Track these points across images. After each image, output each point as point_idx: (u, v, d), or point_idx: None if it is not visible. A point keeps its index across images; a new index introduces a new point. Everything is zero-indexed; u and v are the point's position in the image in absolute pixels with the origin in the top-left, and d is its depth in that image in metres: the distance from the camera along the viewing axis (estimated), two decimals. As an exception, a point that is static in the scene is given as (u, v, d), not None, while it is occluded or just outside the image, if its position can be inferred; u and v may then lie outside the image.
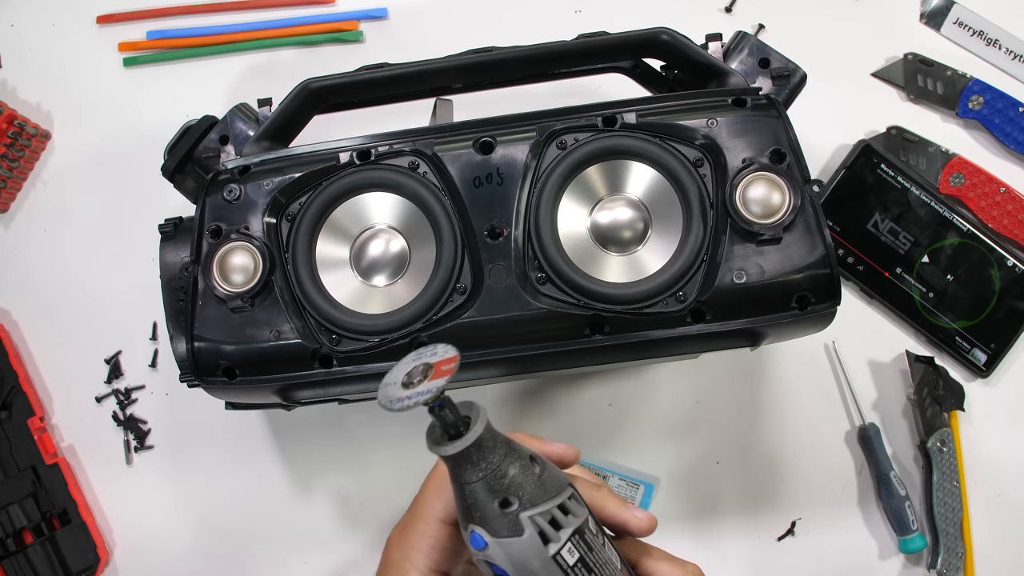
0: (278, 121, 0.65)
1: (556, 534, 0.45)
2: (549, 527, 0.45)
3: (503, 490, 0.45)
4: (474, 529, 0.45)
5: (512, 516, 0.45)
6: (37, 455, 0.80)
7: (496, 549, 0.45)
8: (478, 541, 0.45)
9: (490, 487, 0.45)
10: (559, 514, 0.46)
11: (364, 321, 0.58)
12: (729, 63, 0.66)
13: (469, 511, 0.45)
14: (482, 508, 0.45)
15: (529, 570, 0.45)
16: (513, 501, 0.45)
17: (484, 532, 0.45)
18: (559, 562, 0.45)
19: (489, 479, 0.45)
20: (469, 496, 0.45)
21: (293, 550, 0.82)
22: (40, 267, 0.85)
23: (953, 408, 0.79)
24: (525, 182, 0.59)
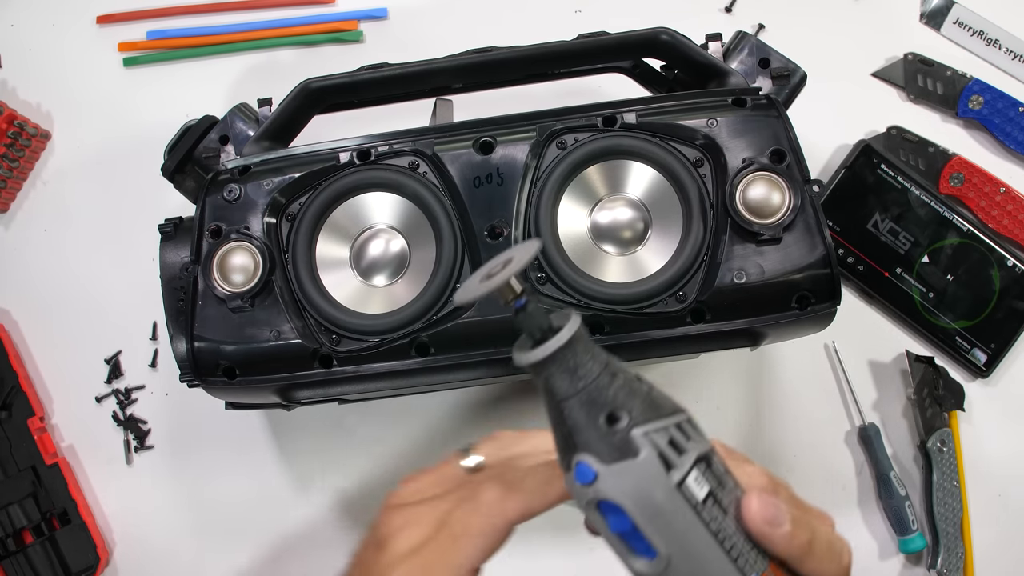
0: (278, 121, 0.65)
1: (678, 458, 0.38)
2: (669, 448, 0.38)
3: (608, 402, 0.38)
4: (580, 459, 0.38)
5: (622, 434, 0.38)
6: (37, 455, 0.80)
7: (608, 479, 0.38)
8: (586, 473, 0.38)
9: (592, 399, 0.39)
10: (678, 435, 0.39)
11: (364, 321, 0.58)
12: (729, 63, 0.66)
13: (571, 437, 0.39)
14: (585, 429, 0.38)
15: (650, 500, 0.38)
16: (622, 416, 0.38)
17: (592, 459, 0.38)
18: (685, 494, 0.38)
19: (591, 390, 0.39)
20: (569, 416, 0.39)
21: (293, 550, 0.82)
22: (40, 267, 0.85)
23: (953, 408, 0.79)
24: (525, 182, 0.59)
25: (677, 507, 0.38)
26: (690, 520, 0.38)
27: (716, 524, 0.38)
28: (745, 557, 0.39)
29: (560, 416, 0.39)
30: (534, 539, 0.81)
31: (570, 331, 0.38)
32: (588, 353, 0.39)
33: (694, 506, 0.38)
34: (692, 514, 0.38)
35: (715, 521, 0.38)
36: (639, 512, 0.38)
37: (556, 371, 0.39)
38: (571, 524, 0.81)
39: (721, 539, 0.38)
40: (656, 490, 0.38)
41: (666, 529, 0.38)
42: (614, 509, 0.38)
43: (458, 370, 0.59)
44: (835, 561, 0.43)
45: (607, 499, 0.38)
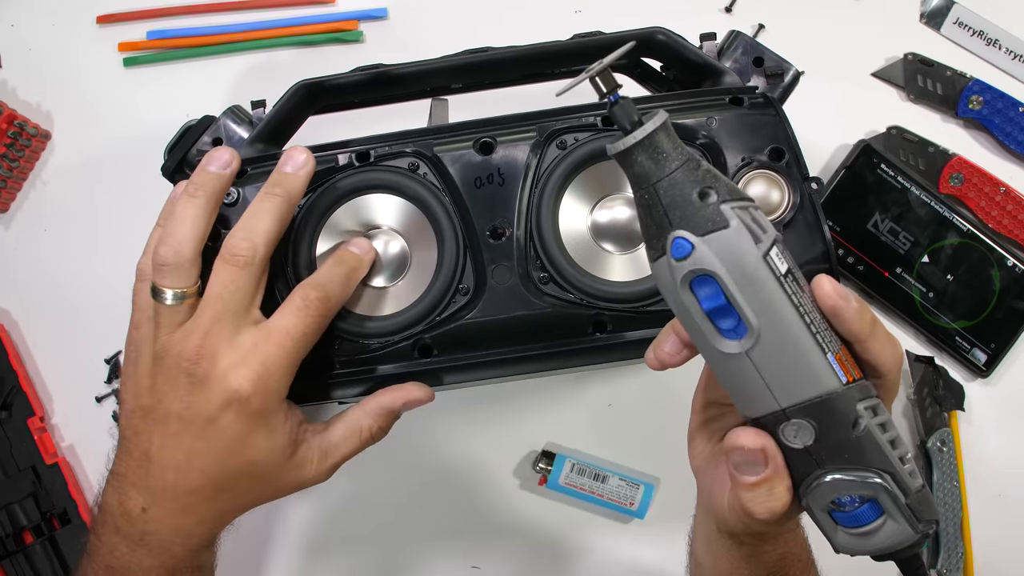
0: (272, 123, 0.65)
1: (763, 233, 0.42)
2: (754, 224, 0.41)
3: (700, 179, 0.42)
4: (676, 235, 0.41)
5: (714, 207, 0.41)
6: (37, 455, 0.80)
7: (703, 249, 0.41)
8: (683, 247, 0.41)
9: (684, 179, 0.42)
10: (758, 215, 0.42)
11: (365, 324, 0.58)
12: (723, 62, 0.66)
13: (665, 217, 0.42)
14: (681, 205, 0.41)
15: (742, 267, 0.41)
16: (711, 192, 0.41)
17: (687, 233, 0.41)
18: (771, 264, 0.41)
19: (683, 171, 0.42)
20: (665, 194, 0.42)
21: (293, 550, 0.82)
22: (40, 267, 0.85)
23: (953, 408, 0.79)
24: (526, 182, 0.59)
25: (765, 276, 0.41)
26: (776, 290, 0.41)
27: (798, 298, 0.42)
28: (823, 335, 0.43)
29: (655, 198, 0.42)
30: (535, 538, 0.81)
31: (659, 119, 0.42)
32: (675, 140, 0.43)
33: (778, 277, 0.41)
34: (777, 284, 0.41)
35: (796, 295, 0.42)
36: (732, 279, 0.41)
37: (647, 157, 0.42)
38: (572, 524, 0.81)
39: (802, 313, 0.42)
40: (747, 257, 0.41)
41: (755, 297, 0.41)
42: (706, 284, 0.42)
43: (461, 371, 0.59)
44: (893, 347, 0.46)
45: (702, 270, 0.41)
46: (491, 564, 0.81)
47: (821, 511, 0.45)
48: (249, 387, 0.51)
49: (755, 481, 0.45)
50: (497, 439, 0.81)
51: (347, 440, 0.56)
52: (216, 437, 0.52)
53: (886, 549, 0.44)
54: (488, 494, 0.81)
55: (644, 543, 0.81)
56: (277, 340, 0.52)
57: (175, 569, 0.56)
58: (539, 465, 0.79)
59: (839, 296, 0.44)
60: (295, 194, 0.55)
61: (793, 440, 0.43)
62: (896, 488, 0.43)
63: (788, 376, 0.42)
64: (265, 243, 0.53)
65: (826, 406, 0.43)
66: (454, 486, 0.82)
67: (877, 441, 0.43)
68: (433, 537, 0.81)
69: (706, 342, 0.43)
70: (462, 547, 0.81)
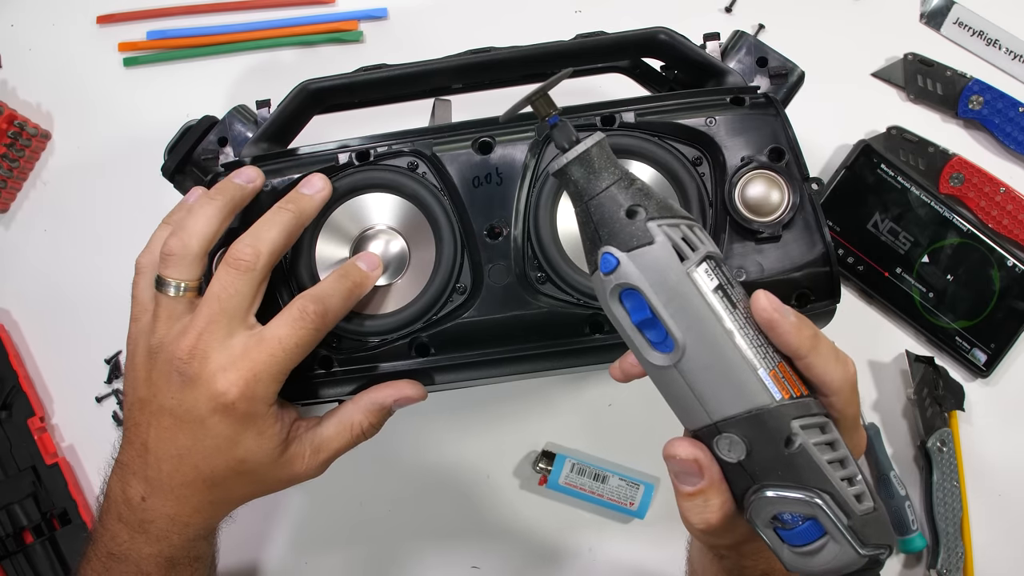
0: (277, 122, 0.65)
1: (690, 251, 0.43)
2: (682, 242, 0.43)
3: (631, 197, 0.44)
4: (604, 250, 0.43)
5: (640, 224, 0.43)
6: (37, 455, 0.80)
7: (628, 264, 0.43)
8: (609, 261, 0.43)
9: (614, 197, 0.44)
10: (690, 233, 0.44)
11: (364, 322, 0.58)
12: (727, 62, 0.66)
13: (597, 231, 0.44)
14: (610, 222, 0.44)
15: (665, 282, 0.42)
16: (639, 210, 0.43)
17: (614, 248, 0.43)
18: (696, 281, 0.43)
19: (613, 190, 0.44)
20: (596, 211, 0.44)
21: (293, 550, 0.82)
22: (40, 267, 0.85)
23: (953, 408, 0.79)
24: (524, 182, 0.59)
25: (689, 291, 0.42)
26: (701, 306, 0.42)
27: (728, 313, 0.43)
28: (757, 351, 0.43)
29: (588, 214, 0.45)
30: (535, 539, 0.81)
31: (594, 139, 0.45)
32: (610, 160, 0.45)
33: (705, 293, 0.42)
34: (702, 300, 0.42)
35: (727, 310, 0.43)
36: (655, 294, 0.42)
37: (582, 176, 0.45)
38: (572, 524, 0.81)
39: (732, 329, 0.43)
40: (670, 272, 0.42)
41: (680, 312, 0.42)
42: (633, 297, 0.43)
43: (458, 370, 0.59)
44: (842, 365, 0.46)
45: (627, 284, 0.43)
46: (491, 564, 0.81)
47: (764, 526, 0.44)
48: (235, 392, 0.51)
49: (691, 492, 0.46)
50: (497, 439, 0.81)
51: (339, 436, 0.57)
52: (205, 436, 0.52)
53: (830, 571, 0.43)
54: (488, 494, 0.81)
55: (644, 543, 0.81)
56: (269, 349, 0.52)
57: (173, 559, 0.57)
58: (539, 465, 0.79)
59: (774, 310, 0.44)
60: (307, 214, 0.56)
61: (727, 454, 0.44)
62: (836, 509, 0.42)
63: (717, 390, 0.43)
64: (269, 252, 0.53)
65: (756, 422, 0.43)
66: (454, 486, 0.82)
67: (814, 460, 0.43)
68: (433, 537, 0.81)
69: (639, 354, 0.45)
70: (462, 547, 0.81)
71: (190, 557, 0.58)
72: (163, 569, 0.57)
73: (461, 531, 0.81)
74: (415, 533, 0.81)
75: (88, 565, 0.59)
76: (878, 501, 0.45)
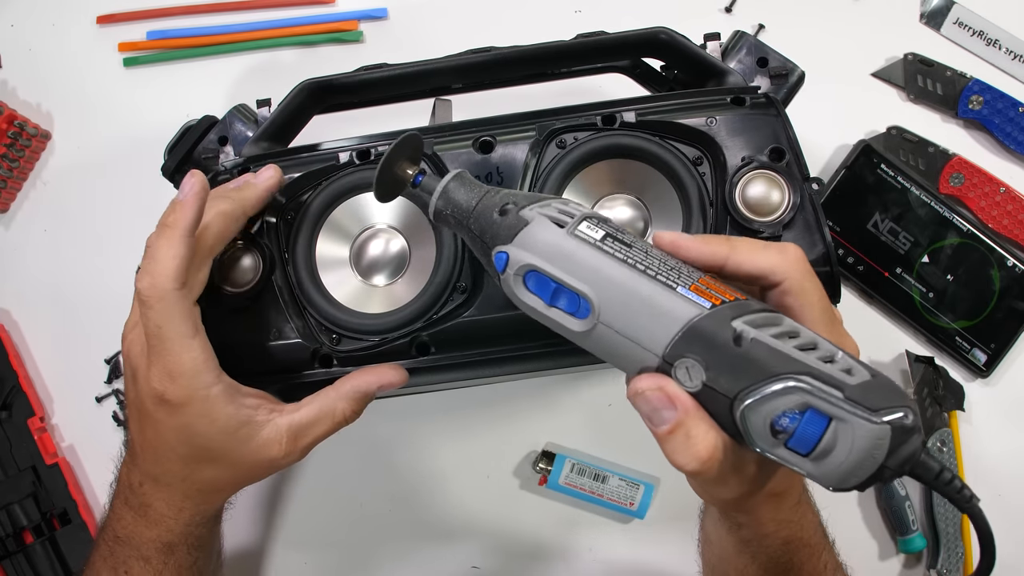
0: (277, 122, 0.65)
1: (567, 218, 0.44)
2: (557, 214, 0.45)
3: (499, 201, 0.47)
4: (494, 253, 0.46)
5: (514, 215, 0.45)
6: (37, 455, 0.80)
7: (515, 250, 0.45)
8: (500, 259, 0.45)
9: (486, 207, 0.47)
10: (563, 207, 0.46)
11: (364, 320, 0.58)
12: (727, 62, 0.66)
13: (484, 242, 0.47)
14: (489, 228, 0.46)
15: (553, 250, 0.44)
16: (510, 206, 0.46)
17: (500, 246, 0.45)
18: (581, 236, 0.44)
19: (483, 204, 0.47)
20: (476, 226, 0.47)
21: (293, 550, 0.82)
22: (40, 267, 0.85)
23: (953, 408, 0.79)
24: (525, 181, 0.59)
25: (577, 247, 0.43)
26: (594, 255, 0.43)
27: (624, 254, 0.43)
28: (668, 274, 0.43)
29: (472, 234, 0.47)
30: (535, 539, 0.81)
31: (451, 175, 0.48)
32: (472, 184, 0.48)
33: (595, 243, 0.43)
34: (595, 250, 0.43)
35: (622, 252, 0.43)
36: (548, 262, 0.44)
37: (454, 206, 0.48)
38: (572, 524, 0.81)
39: (632, 264, 0.43)
40: (552, 238, 0.44)
41: (578, 269, 0.43)
42: (534, 277, 0.44)
43: (458, 369, 0.59)
44: (776, 252, 0.45)
45: (523, 266, 0.44)
46: (491, 564, 0.81)
47: (772, 447, 0.40)
48: (159, 386, 0.52)
49: (669, 428, 0.42)
50: (497, 439, 0.81)
51: (320, 422, 0.57)
52: (159, 427, 0.54)
53: (861, 462, 0.38)
54: (488, 494, 0.81)
55: (644, 543, 0.81)
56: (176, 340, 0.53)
57: (171, 544, 0.58)
58: (539, 465, 0.79)
59: (675, 235, 0.45)
60: (190, 223, 0.53)
61: (690, 382, 0.41)
62: (822, 385, 0.38)
63: (646, 324, 0.42)
64: (167, 274, 0.52)
65: (695, 334, 0.41)
66: (454, 486, 0.82)
67: (775, 347, 0.40)
68: (434, 537, 0.81)
69: (569, 331, 0.44)
70: (462, 547, 0.81)
71: (188, 544, 0.60)
72: (162, 554, 0.59)
73: (461, 531, 0.81)
74: (415, 533, 0.81)
75: (96, 551, 0.61)
76: (878, 373, 0.40)
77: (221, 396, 0.53)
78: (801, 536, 0.55)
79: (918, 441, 0.39)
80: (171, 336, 0.52)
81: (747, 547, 0.56)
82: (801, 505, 0.55)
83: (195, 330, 0.53)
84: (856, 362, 0.40)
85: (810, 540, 0.56)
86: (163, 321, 0.51)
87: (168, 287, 0.51)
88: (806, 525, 0.56)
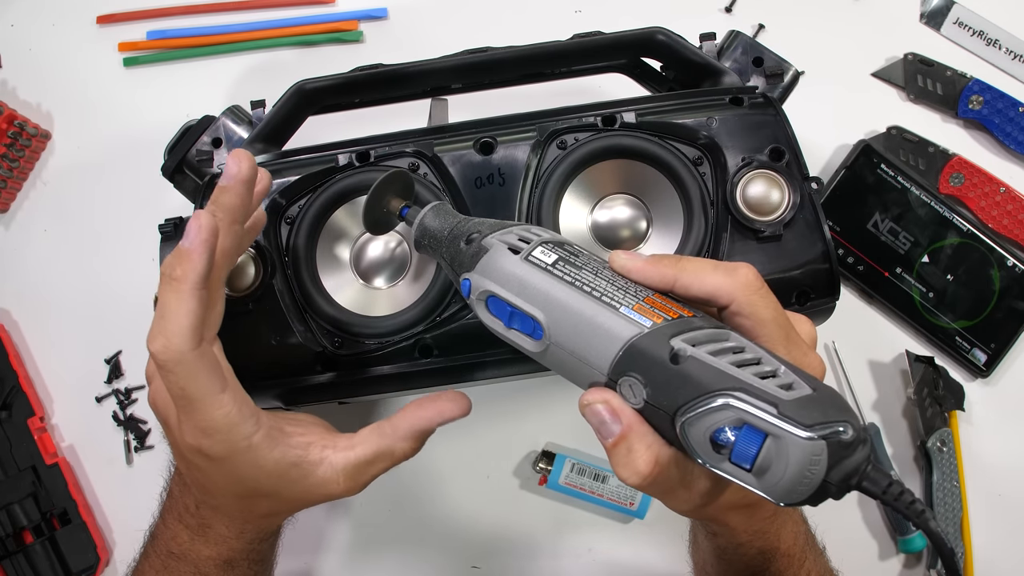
0: (272, 123, 0.65)
1: (524, 244, 0.47)
2: (516, 241, 0.47)
3: (466, 231, 0.50)
4: (460, 280, 0.48)
5: (477, 244, 0.48)
6: (37, 455, 0.80)
7: (476, 277, 0.47)
8: (465, 285, 0.48)
9: (455, 237, 0.50)
10: (524, 233, 0.48)
11: (366, 323, 0.58)
12: (723, 62, 0.66)
13: (454, 270, 0.50)
14: (457, 257, 0.49)
15: (508, 275, 0.46)
16: (475, 235, 0.49)
17: (465, 273, 0.48)
18: (534, 262, 0.46)
19: (454, 230, 0.50)
20: (447, 255, 0.50)
21: (293, 550, 0.82)
22: (40, 267, 0.85)
23: (953, 408, 0.79)
24: (526, 182, 0.59)
25: (529, 272, 0.45)
26: (544, 279, 0.45)
27: (572, 276, 0.45)
28: (614, 295, 0.44)
29: (444, 261, 0.51)
30: (535, 538, 0.81)
31: (428, 207, 0.52)
32: (448, 214, 0.52)
33: (544, 268, 0.45)
34: (545, 274, 0.45)
35: (571, 274, 0.45)
36: (502, 288, 0.46)
37: (429, 238, 0.52)
38: (572, 524, 0.81)
39: (579, 286, 0.44)
40: (508, 266, 0.46)
41: (530, 294, 0.45)
42: (494, 302, 0.47)
43: (462, 372, 0.59)
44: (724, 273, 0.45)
45: (483, 292, 0.47)
46: (491, 564, 0.81)
47: (717, 463, 0.40)
48: (194, 442, 0.49)
49: (613, 441, 0.43)
50: (497, 439, 0.81)
51: (378, 461, 0.54)
52: (205, 472, 0.52)
53: (797, 477, 0.37)
54: (488, 494, 0.81)
55: (644, 543, 0.81)
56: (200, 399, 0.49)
57: (232, 560, 0.57)
58: (539, 465, 0.79)
59: (628, 258, 0.46)
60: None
61: (633, 399, 0.42)
62: (754, 400, 0.38)
63: (591, 343, 0.43)
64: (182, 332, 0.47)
65: (635, 352, 0.42)
66: (454, 486, 0.82)
67: (710, 364, 0.40)
68: (434, 537, 0.81)
69: (527, 350, 0.46)
70: (462, 547, 0.81)
71: (249, 560, 0.58)
72: (221, 570, 0.57)
73: (461, 531, 0.81)
74: (415, 533, 0.81)
75: (147, 561, 0.60)
76: (822, 387, 0.40)
77: (264, 443, 0.50)
78: (778, 547, 0.55)
79: (862, 455, 0.39)
80: (198, 396, 0.48)
81: (724, 554, 0.56)
82: (779, 516, 0.54)
83: (223, 384, 0.49)
84: (800, 377, 0.40)
85: (789, 550, 0.56)
86: (186, 383, 0.47)
87: (184, 348, 0.46)
88: (784, 536, 0.55)
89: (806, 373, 0.41)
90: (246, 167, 0.50)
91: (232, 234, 0.51)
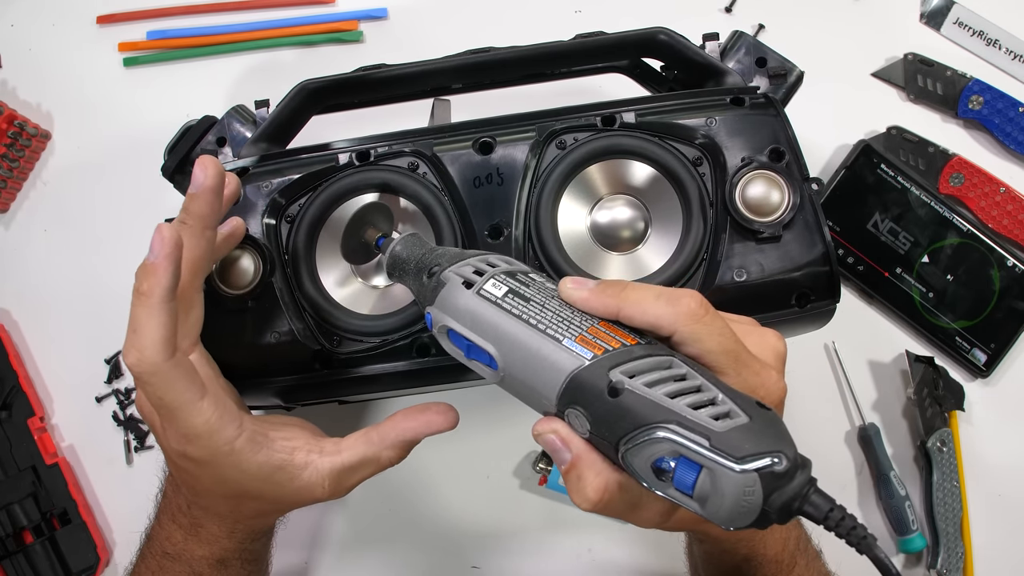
0: (275, 122, 0.65)
1: (477, 277, 0.48)
2: (471, 274, 0.48)
3: (429, 264, 0.51)
4: (425, 313, 0.50)
5: (436, 277, 0.49)
6: (37, 455, 0.80)
7: (435, 312, 0.48)
8: (427, 319, 0.49)
9: (419, 269, 0.51)
10: (481, 265, 0.49)
11: (365, 322, 0.58)
12: (726, 62, 0.66)
13: (419, 300, 0.51)
14: (422, 291, 0.50)
15: (462, 310, 0.47)
16: (435, 268, 0.50)
17: (427, 307, 0.49)
18: (485, 296, 0.46)
19: (419, 262, 0.52)
20: (414, 287, 0.52)
21: (293, 550, 0.82)
22: (40, 267, 0.85)
23: (953, 408, 0.79)
24: (525, 182, 0.59)
25: (480, 307, 0.46)
26: (494, 313, 0.46)
27: (519, 309, 0.46)
28: (558, 327, 0.45)
29: (413, 291, 0.53)
30: (535, 538, 0.81)
31: (400, 238, 0.54)
32: (415, 247, 0.53)
33: (494, 302, 0.46)
34: (495, 308, 0.46)
35: (518, 307, 0.46)
36: (457, 322, 0.47)
37: (398, 270, 0.53)
38: (572, 524, 0.81)
39: (525, 319, 0.45)
40: (461, 301, 0.47)
41: (482, 327, 0.46)
42: (452, 334, 0.48)
43: (459, 371, 0.59)
44: (666, 303, 0.45)
45: (441, 326, 0.48)
46: (491, 564, 0.81)
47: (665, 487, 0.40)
48: (178, 447, 0.51)
49: (565, 469, 0.44)
50: (497, 439, 0.81)
51: (363, 467, 0.56)
52: (192, 474, 0.53)
53: (734, 507, 0.38)
54: (488, 494, 0.81)
55: (644, 543, 0.81)
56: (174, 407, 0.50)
57: (225, 560, 0.58)
58: (539, 465, 0.79)
59: (573, 288, 0.46)
60: (166, 288, 0.49)
61: (580, 430, 0.43)
62: (686, 432, 0.39)
63: (539, 376, 0.44)
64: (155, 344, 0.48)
65: (576, 386, 0.42)
66: (454, 486, 0.82)
67: (645, 397, 0.40)
68: (433, 537, 0.81)
69: (488, 379, 0.47)
70: (462, 547, 0.81)
71: (242, 559, 0.59)
72: (215, 570, 0.58)
73: (461, 531, 0.81)
74: (415, 533, 0.81)
75: (143, 563, 0.61)
76: (760, 415, 0.40)
77: (247, 447, 0.51)
78: (764, 553, 0.55)
79: (800, 482, 0.39)
80: (176, 405, 0.49)
81: (711, 559, 0.56)
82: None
83: (201, 391, 0.49)
84: (740, 404, 0.40)
85: (776, 556, 0.56)
86: (163, 393, 0.48)
87: (157, 360, 0.47)
88: (771, 542, 0.56)
89: (748, 399, 0.41)
90: (212, 173, 0.51)
91: (205, 240, 0.52)
